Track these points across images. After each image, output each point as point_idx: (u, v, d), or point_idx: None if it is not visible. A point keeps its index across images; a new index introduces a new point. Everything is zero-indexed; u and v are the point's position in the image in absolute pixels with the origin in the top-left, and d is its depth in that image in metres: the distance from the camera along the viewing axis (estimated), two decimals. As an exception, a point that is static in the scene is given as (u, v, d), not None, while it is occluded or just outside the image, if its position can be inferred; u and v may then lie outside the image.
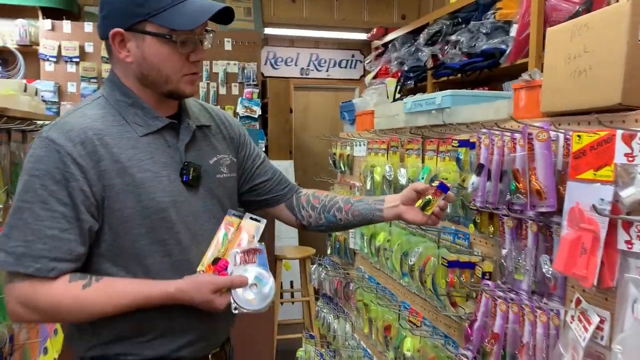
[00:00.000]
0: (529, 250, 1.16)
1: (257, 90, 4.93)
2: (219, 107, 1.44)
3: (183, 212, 1.19)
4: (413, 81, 4.55)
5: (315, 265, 2.70)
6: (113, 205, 1.12)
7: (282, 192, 1.48)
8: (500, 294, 1.19)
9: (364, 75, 6.09)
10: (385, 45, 5.09)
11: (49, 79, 4.58)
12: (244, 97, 4.89)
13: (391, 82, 4.92)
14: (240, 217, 1.27)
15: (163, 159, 1.18)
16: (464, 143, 1.37)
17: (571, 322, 1.05)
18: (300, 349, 2.71)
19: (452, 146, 1.42)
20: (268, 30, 5.31)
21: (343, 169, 2.52)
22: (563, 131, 1.11)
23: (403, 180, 1.83)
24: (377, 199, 1.38)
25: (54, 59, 4.57)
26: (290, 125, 5.12)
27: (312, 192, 1.49)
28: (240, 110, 4.86)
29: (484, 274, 1.32)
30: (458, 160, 1.39)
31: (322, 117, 6.33)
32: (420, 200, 1.26)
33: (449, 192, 1.22)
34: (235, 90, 4.89)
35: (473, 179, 1.26)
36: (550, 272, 1.11)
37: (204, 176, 1.25)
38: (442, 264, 1.41)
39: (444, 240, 1.58)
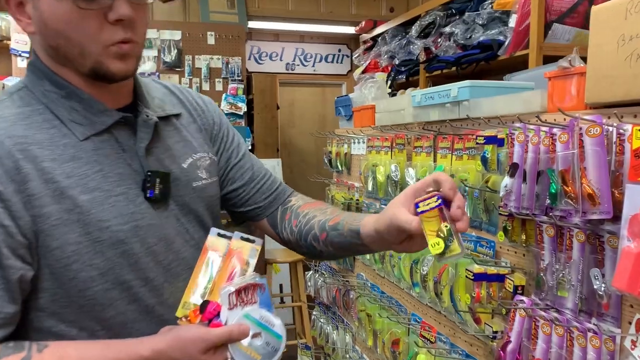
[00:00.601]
0: (575, 263, 1.01)
1: (242, 86, 4.74)
2: (190, 88, 1.18)
3: (150, 240, 0.91)
4: (404, 75, 4.41)
5: (311, 272, 2.53)
6: (50, 242, 0.83)
7: (264, 204, 1.14)
8: (542, 313, 1.04)
9: (351, 70, 5.94)
10: (375, 38, 4.94)
11: (22, 75, 4.33)
12: (228, 93, 4.70)
13: (381, 77, 4.77)
14: (228, 238, 0.97)
15: (117, 169, 0.90)
16: (491, 140, 1.22)
17: (632, 349, 0.90)
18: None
19: (477, 143, 1.26)
20: (252, 24, 5.12)
21: (340, 168, 2.35)
22: (615, 125, 0.96)
23: (411, 182, 1.67)
24: (352, 225, 1.00)
25: (27, 55, 4.32)
26: (276, 123, 4.94)
27: (297, 207, 1.15)
28: (224, 107, 4.67)
29: (515, 288, 1.17)
30: (484, 159, 1.23)
31: (309, 114, 6.17)
32: (437, 246, 0.82)
33: (457, 202, 0.83)
34: (219, 86, 4.69)
35: (506, 180, 1.11)
36: (602, 289, 0.96)
37: (174, 186, 0.96)
38: (466, 276, 1.25)
39: (462, 247, 1.42)
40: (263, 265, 3.43)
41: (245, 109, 4.73)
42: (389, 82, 4.57)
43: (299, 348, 2.50)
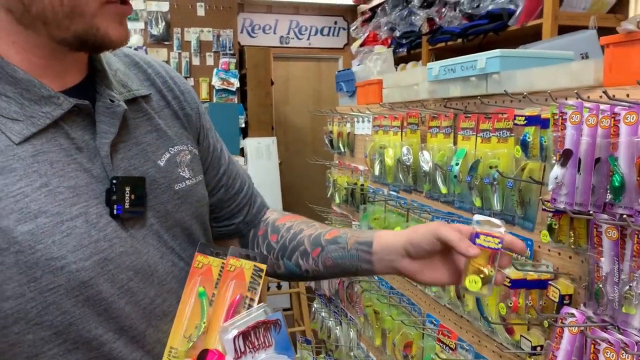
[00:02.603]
0: (646, 274, 0.82)
1: (234, 60, 4.50)
2: (160, 60, 0.90)
3: (123, 276, 0.68)
4: (406, 48, 4.18)
5: (311, 262, 2.35)
6: None
7: (249, 219, 0.95)
8: (604, 334, 0.85)
9: (348, 44, 5.69)
10: (373, 9, 4.68)
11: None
12: (219, 68, 4.46)
13: (381, 50, 4.54)
14: (223, 255, 0.75)
15: (69, 180, 0.65)
16: (533, 120, 1.02)
17: None
18: (296, 355, 2.38)
19: (515, 124, 1.06)
20: (244, -6, 4.86)
21: (342, 149, 2.15)
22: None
23: (426, 167, 1.47)
24: (361, 238, 0.86)
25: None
26: (271, 99, 4.72)
27: (274, 219, 0.96)
28: (216, 82, 4.44)
29: (561, 297, 0.98)
30: (524, 143, 1.04)
31: (304, 89, 5.93)
32: (474, 285, 0.76)
33: (518, 246, 0.78)
34: (209, 61, 4.45)
35: (556, 171, 0.91)
36: (684, 308, 0.77)
37: (151, 192, 0.74)
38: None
39: (490, 244, 1.23)
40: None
41: (238, 85, 4.50)
42: (389, 56, 4.35)
43: (298, 342, 2.34)
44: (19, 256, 0.60)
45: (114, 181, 0.68)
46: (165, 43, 4.31)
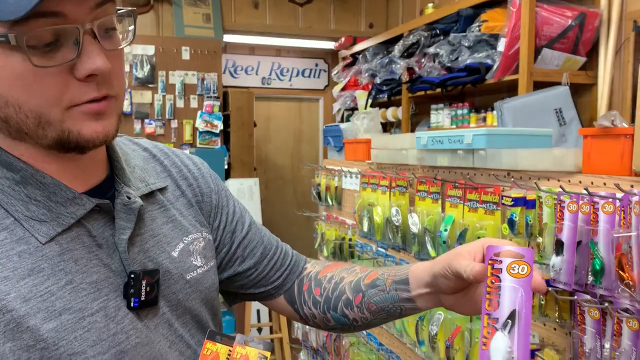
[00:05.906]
0: (626, 353, 0.89)
1: (218, 103, 4.57)
2: (175, 149, 0.93)
3: None
4: (386, 94, 4.32)
5: (299, 313, 2.38)
6: None
7: (279, 282, 0.96)
8: (590, 410, 0.92)
9: (328, 85, 5.83)
10: (354, 55, 4.83)
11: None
12: (203, 111, 4.51)
13: (361, 95, 4.67)
14: (230, 341, 0.76)
15: (91, 276, 0.69)
16: (519, 201, 1.10)
17: None
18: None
19: (503, 204, 1.14)
20: (227, 38, 4.96)
21: (331, 203, 2.21)
22: (673, 200, 0.85)
23: (415, 229, 1.55)
24: (397, 276, 0.84)
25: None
26: (253, 141, 4.78)
27: (316, 273, 0.97)
28: (199, 124, 4.49)
29: (548, 367, 1.05)
30: (511, 222, 1.12)
31: (285, 129, 6.03)
32: None
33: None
34: (194, 103, 4.51)
35: (554, 260, 0.99)
36: (661, 387, 0.85)
37: (164, 282, 0.76)
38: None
39: (478, 310, 1.30)
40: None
41: (222, 127, 4.56)
42: (370, 101, 4.48)
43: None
44: (43, 352, 0.63)
45: (132, 275, 0.71)
46: (150, 85, 4.36)
